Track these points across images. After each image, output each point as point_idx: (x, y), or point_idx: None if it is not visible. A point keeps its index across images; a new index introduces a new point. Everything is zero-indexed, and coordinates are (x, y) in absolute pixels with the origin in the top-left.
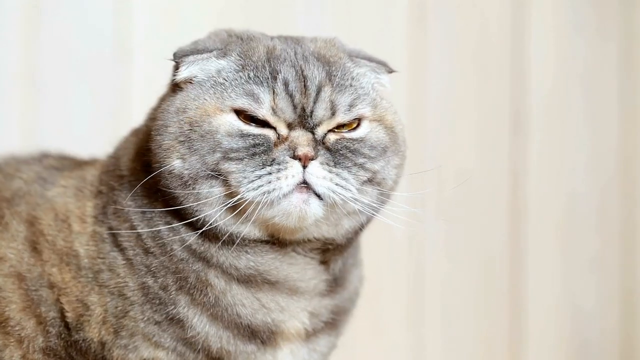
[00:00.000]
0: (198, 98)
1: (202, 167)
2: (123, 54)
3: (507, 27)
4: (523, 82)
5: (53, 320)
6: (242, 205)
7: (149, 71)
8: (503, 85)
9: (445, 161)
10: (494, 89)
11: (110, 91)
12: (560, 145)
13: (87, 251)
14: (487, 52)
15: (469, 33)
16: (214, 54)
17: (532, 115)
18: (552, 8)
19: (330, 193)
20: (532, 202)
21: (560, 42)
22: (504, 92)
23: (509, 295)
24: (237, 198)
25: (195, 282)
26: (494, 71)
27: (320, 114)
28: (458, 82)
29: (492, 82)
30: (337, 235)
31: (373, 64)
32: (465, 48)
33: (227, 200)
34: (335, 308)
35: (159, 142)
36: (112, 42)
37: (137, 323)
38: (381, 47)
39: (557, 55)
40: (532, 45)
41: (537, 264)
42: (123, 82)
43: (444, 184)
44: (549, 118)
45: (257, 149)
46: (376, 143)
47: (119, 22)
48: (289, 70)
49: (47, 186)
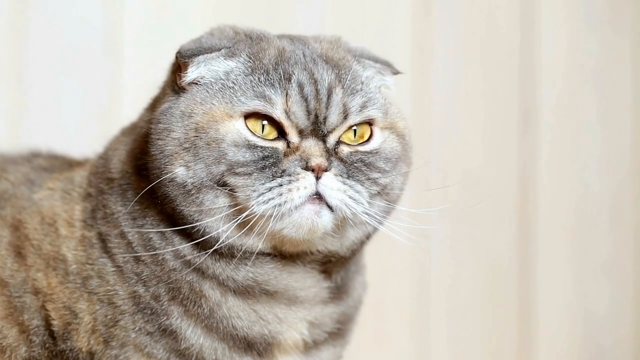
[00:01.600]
0: (205, 102)
1: (207, 177)
2: (113, 47)
3: (516, 21)
4: (533, 78)
5: (37, 329)
6: (249, 220)
7: (140, 66)
8: (512, 81)
9: (451, 161)
10: (502, 85)
11: (100, 87)
12: (571, 144)
13: (75, 256)
14: (495, 46)
15: (476, 27)
16: (222, 53)
17: (542, 112)
18: (563, 0)
19: (343, 206)
20: (542, 204)
21: (572, 36)
22: (512, 89)
23: (518, 301)
24: (246, 214)
25: (189, 293)
26: (502, 66)
27: (334, 120)
28: (464, 78)
29: (500, 78)
30: (341, 248)
31: (378, 65)
32: (472, 43)
33: (231, 211)
34: (340, 316)
35: (160, 147)
36: (102, 35)
37: (128, 333)
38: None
39: (568, 49)
40: (542, 40)
41: (548, 268)
42: (113, 77)
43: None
44: (560, 115)
45: (266, 161)
46: (390, 154)
47: (110, 14)
48: (302, 73)
49: (34, 189)
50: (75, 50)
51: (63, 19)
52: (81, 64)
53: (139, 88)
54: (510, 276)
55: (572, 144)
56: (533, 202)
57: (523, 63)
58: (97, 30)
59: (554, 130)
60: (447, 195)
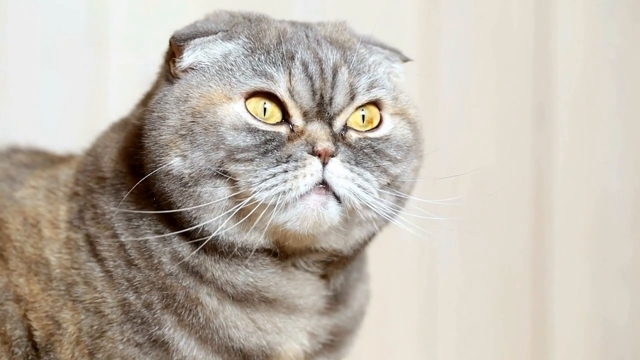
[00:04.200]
0: (202, 85)
1: (206, 165)
2: (98, 38)
3: (529, 8)
4: (548, 71)
5: (19, 340)
6: (250, 209)
7: (126, 57)
8: (525, 73)
9: (460, 161)
10: (515, 77)
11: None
12: (590, 141)
13: (59, 260)
14: (507, 37)
15: (487, 14)
16: (219, 36)
17: (558, 107)
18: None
19: (351, 195)
20: (558, 205)
21: (590, 24)
22: (526, 81)
23: (532, 310)
24: (247, 200)
25: (184, 301)
26: (515, 59)
27: (341, 101)
28: (474, 70)
29: (513, 71)
30: (345, 247)
31: (387, 52)
32: (482, 31)
33: (232, 204)
34: (334, 328)
35: (154, 138)
36: (87, 26)
37: (115, 344)
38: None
39: (586, 39)
40: (557, 28)
41: (564, 274)
42: (98, 70)
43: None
44: (577, 110)
45: (268, 145)
46: (402, 141)
47: (94, 3)
48: (305, 52)
49: (16, 186)
50: (57, 41)
51: (45, 7)
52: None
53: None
54: (523, 283)
55: (590, 141)
56: (548, 203)
57: (537, 53)
58: (81, 20)
59: (571, 127)
60: (457, 196)
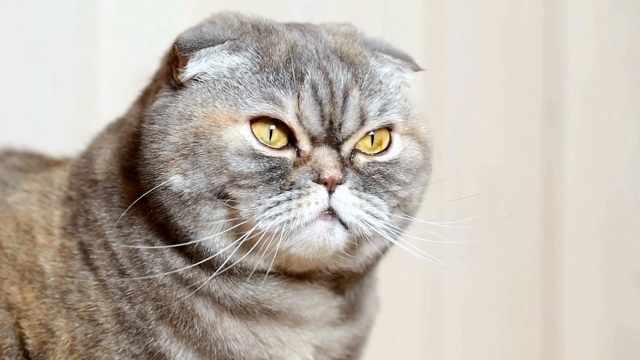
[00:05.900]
0: (206, 104)
1: (207, 188)
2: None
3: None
4: (558, 67)
5: (10, 348)
6: (255, 240)
7: (117, 52)
8: (535, 69)
9: (467, 160)
10: (524, 74)
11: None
12: (601, 140)
13: (54, 268)
14: (515, 31)
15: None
16: (226, 47)
17: (569, 104)
18: None
19: (359, 222)
20: (569, 207)
21: (601, 19)
22: (535, 77)
23: (541, 316)
24: (250, 232)
25: (179, 312)
26: (524, 53)
27: (350, 126)
28: (481, 65)
29: (521, 66)
30: (354, 265)
31: (398, 61)
32: (490, 27)
33: (230, 225)
34: (352, 340)
35: (155, 152)
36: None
37: (110, 355)
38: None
39: (596, 34)
40: (568, 20)
41: (575, 279)
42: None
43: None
44: (589, 108)
45: (273, 173)
46: (411, 164)
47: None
48: (315, 73)
49: (8, 190)
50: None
51: (32, 0)
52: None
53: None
54: (532, 288)
55: (602, 139)
56: (559, 205)
57: (547, 48)
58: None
59: (582, 124)
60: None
